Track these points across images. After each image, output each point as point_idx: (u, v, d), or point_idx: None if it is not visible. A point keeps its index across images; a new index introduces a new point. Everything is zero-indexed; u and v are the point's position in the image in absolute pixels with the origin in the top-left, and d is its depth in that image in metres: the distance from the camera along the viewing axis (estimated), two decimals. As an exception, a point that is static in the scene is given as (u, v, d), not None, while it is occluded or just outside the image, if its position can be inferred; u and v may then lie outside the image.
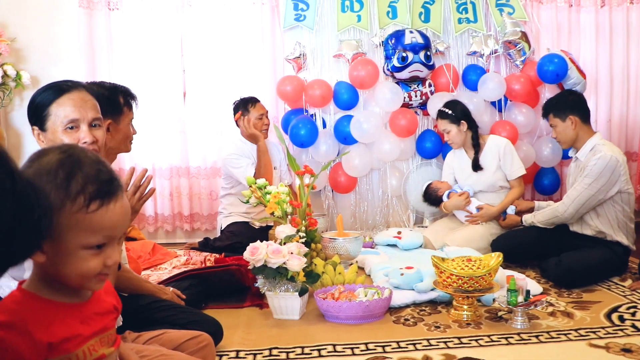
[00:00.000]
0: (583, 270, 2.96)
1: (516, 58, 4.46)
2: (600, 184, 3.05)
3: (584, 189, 3.08)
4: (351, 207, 4.52)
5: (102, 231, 1.08)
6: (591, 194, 3.07)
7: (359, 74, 4.25)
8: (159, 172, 4.48)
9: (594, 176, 3.06)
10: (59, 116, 1.75)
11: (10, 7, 4.33)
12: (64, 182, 1.05)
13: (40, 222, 0.80)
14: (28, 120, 1.80)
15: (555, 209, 3.24)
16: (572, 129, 3.23)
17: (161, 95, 4.45)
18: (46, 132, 1.76)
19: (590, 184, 3.07)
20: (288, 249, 2.52)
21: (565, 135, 3.28)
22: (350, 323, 2.49)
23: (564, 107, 3.28)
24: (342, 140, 4.30)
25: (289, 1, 4.42)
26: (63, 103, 1.76)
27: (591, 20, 4.71)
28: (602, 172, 3.04)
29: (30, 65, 4.32)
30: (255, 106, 4.00)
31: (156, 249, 3.77)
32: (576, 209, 3.13)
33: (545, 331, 2.36)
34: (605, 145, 3.14)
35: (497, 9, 4.54)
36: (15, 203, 0.75)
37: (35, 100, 1.77)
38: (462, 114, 3.77)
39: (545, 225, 3.29)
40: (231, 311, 2.72)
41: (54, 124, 1.75)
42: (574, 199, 3.12)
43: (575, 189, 3.13)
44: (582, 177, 3.11)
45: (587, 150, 3.20)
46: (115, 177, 1.12)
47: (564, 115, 3.26)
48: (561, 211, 3.18)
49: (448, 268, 2.51)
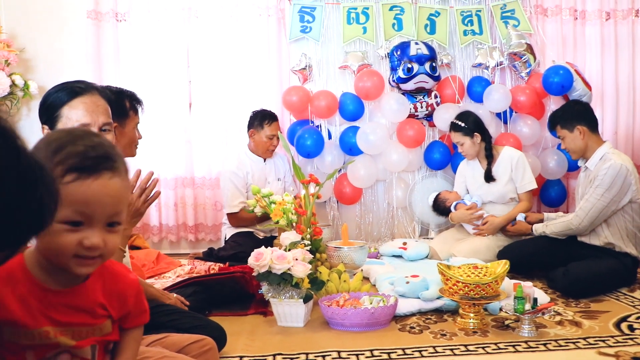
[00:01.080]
0: (591, 280, 2.92)
1: (521, 70, 4.47)
2: (613, 194, 3.02)
3: (597, 200, 3.05)
4: (356, 218, 4.51)
5: (74, 205, 1.03)
6: (604, 204, 3.04)
7: (364, 85, 4.26)
8: (164, 182, 4.48)
9: (605, 186, 3.02)
10: (70, 119, 1.75)
11: (20, 18, 4.37)
12: (51, 154, 1.04)
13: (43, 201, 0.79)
14: (39, 118, 1.79)
15: (569, 221, 3.17)
16: (581, 139, 3.20)
17: (167, 106, 4.47)
18: None
19: (602, 194, 3.03)
20: (293, 255, 2.51)
21: (574, 146, 3.24)
22: (355, 330, 2.47)
23: (570, 117, 3.25)
24: (347, 151, 4.31)
25: (295, 13, 4.46)
26: (75, 106, 1.75)
27: (596, 32, 4.71)
28: (614, 181, 3.01)
29: (38, 75, 4.35)
30: (271, 125, 4.00)
31: (160, 258, 3.76)
32: (591, 221, 3.09)
33: (553, 339, 2.32)
34: (614, 154, 3.11)
35: (502, 21, 4.56)
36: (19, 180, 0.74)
37: (48, 100, 1.77)
38: (475, 125, 3.76)
39: (558, 236, 3.25)
40: (235, 318, 2.69)
41: (65, 125, 1.75)
42: (588, 211, 3.08)
43: (588, 200, 3.08)
44: (594, 187, 3.08)
45: (596, 159, 3.16)
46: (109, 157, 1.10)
47: (571, 126, 3.22)
48: (576, 224, 3.13)
49: (454, 275, 2.49)
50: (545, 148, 4.49)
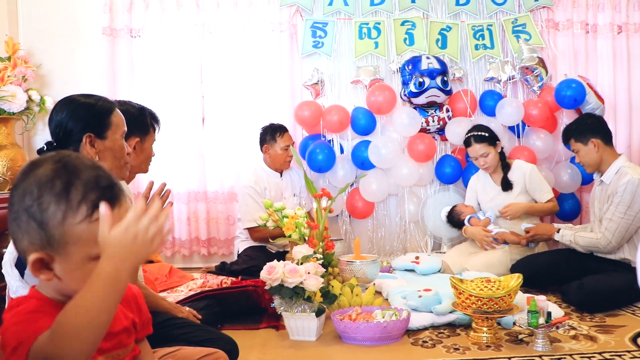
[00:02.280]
0: (606, 294, 2.89)
1: (533, 84, 4.46)
2: (636, 210, 3.00)
3: (621, 218, 3.02)
4: (368, 232, 4.50)
5: None
6: (629, 222, 3.01)
7: (376, 99, 4.28)
8: (177, 196, 4.51)
9: (627, 203, 3.00)
10: (119, 126, 1.84)
11: (37, 35, 4.46)
12: (62, 192, 1.00)
13: None
14: (77, 129, 1.76)
15: (597, 240, 3.12)
16: (596, 152, 3.18)
17: (180, 121, 4.51)
18: (105, 140, 1.79)
19: (625, 212, 3.01)
20: (305, 269, 2.51)
21: (589, 159, 3.22)
22: (367, 345, 2.46)
23: (584, 130, 3.23)
24: (359, 166, 4.32)
25: (307, 28, 4.50)
26: (117, 114, 1.85)
27: (608, 46, 4.70)
28: (635, 197, 2.98)
29: (54, 91, 4.41)
30: (283, 136, 4.02)
31: (173, 272, 3.76)
32: (618, 242, 3.06)
33: (567, 354, 2.30)
34: (630, 168, 3.09)
35: (513, 35, 4.57)
36: None
37: (95, 107, 1.80)
38: (494, 134, 3.83)
39: (582, 249, 3.22)
40: (247, 332, 2.69)
41: (115, 133, 1.82)
42: (614, 232, 3.04)
43: (612, 220, 3.04)
44: (614, 205, 3.04)
45: (612, 173, 3.14)
46: (115, 181, 1.08)
47: (585, 139, 3.20)
48: (604, 244, 3.08)
49: (467, 289, 2.47)
50: (559, 162, 4.46)
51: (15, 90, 4.05)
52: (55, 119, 1.79)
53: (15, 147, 4.14)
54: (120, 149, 1.84)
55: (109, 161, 1.81)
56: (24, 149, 4.31)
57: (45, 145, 1.79)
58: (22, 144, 4.40)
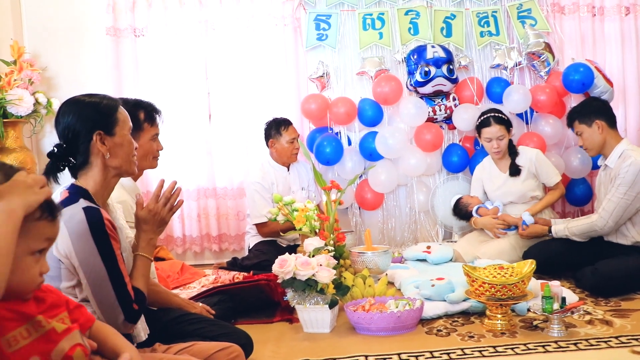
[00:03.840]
0: (621, 278, 2.87)
1: (540, 69, 4.42)
2: (636, 191, 2.97)
3: (620, 198, 3.00)
4: (379, 223, 4.49)
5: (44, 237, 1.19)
6: (628, 203, 2.99)
7: (382, 90, 4.26)
8: (186, 193, 4.51)
9: (628, 184, 2.98)
10: (125, 122, 1.84)
11: (41, 37, 4.46)
12: None
13: None
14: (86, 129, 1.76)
15: (593, 223, 3.12)
16: (599, 134, 3.16)
17: (187, 118, 4.51)
18: (114, 137, 1.79)
19: (625, 193, 2.98)
20: (317, 261, 2.50)
21: (592, 142, 3.20)
22: (381, 335, 2.45)
23: (588, 112, 3.21)
24: (367, 157, 4.30)
25: (311, 21, 4.48)
26: (122, 111, 1.85)
27: (616, 28, 4.64)
28: (636, 179, 2.96)
29: (60, 93, 4.41)
30: (288, 129, 4.01)
31: (185, 269, 3.78)
32: (615, 221, 3.04)
33: (583, 339, 2.29)
34: (634, 151, 3.06)
35: (519, 21, 4.52)
36: None
37: (100, 105, 1.80)
38: (510, 120, 3.86)
39: (580, 238, 3.20)
40: (261, 326, 2.70)
41: (123, 129, 1.82)
42: (612, 212, 3.03)
43: (611, 200, 3.03)
44: (616, 186, 3.03)
45: (615, 156, 3.12)
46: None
47: (589, 120, 3.18)
48: (600, 225, 3.07)
49: (480, 276, 2.46)
50: (568, 147, 4.42)
51: (22, 94, 4.07)
52: (62, 122, 1.78)
53: (24, 150, 4.17)
54: (129, 144, 1.84)
55: (120, 157, 1.80)
56: (33, 152, 4.34)
57: (55, 148, 1.78)
58: (31, 146, 4.42)
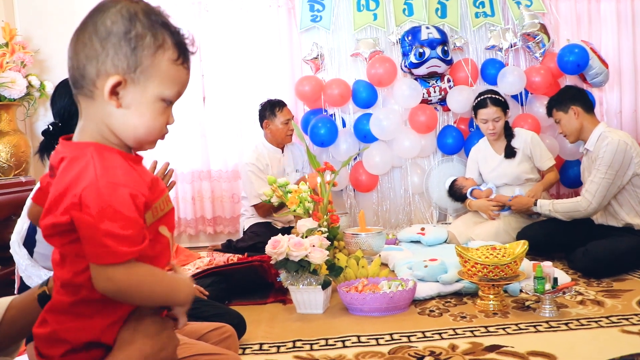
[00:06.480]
0: (612, 259, 2.90)
1: (535, 50, 4.41)
2: (616, 169, 3.02)
3: (602, 178, 3.04)
4: (373, 205, 4.50)
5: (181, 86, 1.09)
6: (610, 181, 3.03)
7: (376, 72, 4.24)
8: (181, 176, 4.51)
9: (607, 163, 3.02)
10: None
11: (34, 19, 4.42)
12: (160, 28, 1.04)
13: None
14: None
15: (577, 203, 3.15)
16: (576, 119, 3.24)
17: (181, 101, 4.44)
18: None
19: (606, 172, 3.03)
20: (310, 242, 2.51)
21: (569, 127, 3.28)
22: (374, 315, 2.47)
23: (564, 99, 3.31)
24: (362, 139, 4.30)
25: (305, 3, 4.45)
26: None
27: (612, 9, 4.63)
28: (614, 157, 3.01)
29: (54, 76, 4.39)
30: (282, 110, 4.00)
31: (179, 251, 3.77)
32: (599, 202, 3.07)
33: (575, 319, 2.30)
34: (611, 132, 3.13)
35: (514, 2, 4.49)
36: None
37: None
38: (507, 102, 3.87)
39: (563, 217, 3.22)
40: (254, 307, 2.71)
41: None
42: (595, 192, 3.06)
43: (593, 181, 3.07)
44: (596, 167, 3.08)
45: (594, 139, 3.18)
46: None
47: (566, 107, 3.28)
48: (584, 206, 3.11)
49: (472, 257, 2.47)
50: (563, 128, 4.42)
51: (14, 77, 4.03)
52: (58, 103, 1.78)
53: (18, 133, 4.14)
54: None
55: None
56: (26, 135, 4.31)
57: (50, 126, 1.77)
58: (25, 129, 4.39)
